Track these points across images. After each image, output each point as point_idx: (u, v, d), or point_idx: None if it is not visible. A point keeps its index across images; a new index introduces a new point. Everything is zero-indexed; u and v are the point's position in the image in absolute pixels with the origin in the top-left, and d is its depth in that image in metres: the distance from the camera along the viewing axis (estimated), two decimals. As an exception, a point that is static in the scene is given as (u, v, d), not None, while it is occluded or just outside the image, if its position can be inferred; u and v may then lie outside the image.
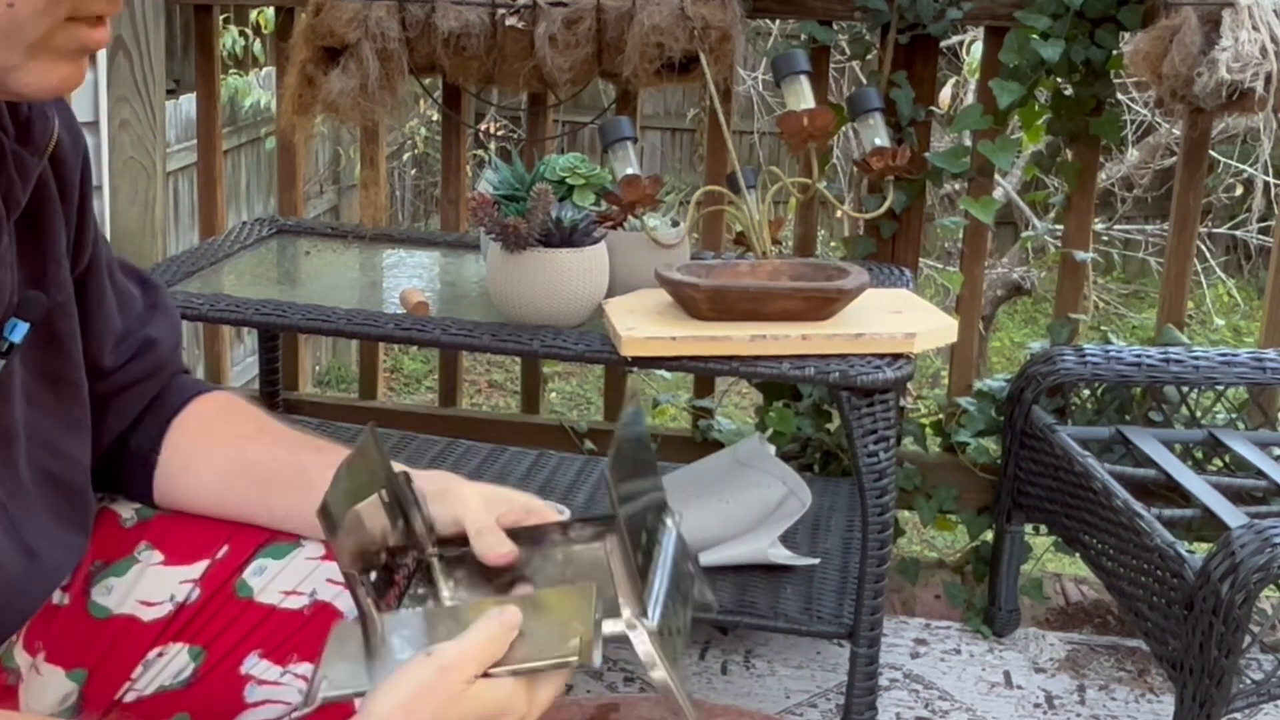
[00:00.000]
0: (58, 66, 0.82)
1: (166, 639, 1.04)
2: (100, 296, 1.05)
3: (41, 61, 0.81)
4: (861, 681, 1.85)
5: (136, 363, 1.08)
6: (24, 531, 0.95)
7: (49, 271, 0.97)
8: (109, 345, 1.06)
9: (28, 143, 0.92)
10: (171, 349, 1.11)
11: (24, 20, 0.79)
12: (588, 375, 5.59)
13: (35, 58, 0.81)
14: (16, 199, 0.91)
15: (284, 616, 1.04)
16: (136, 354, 1.08)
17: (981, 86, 2.32)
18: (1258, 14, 2.04)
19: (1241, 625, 1.54)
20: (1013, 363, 5.68)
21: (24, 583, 0.95)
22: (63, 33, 0.81)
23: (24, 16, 0.78)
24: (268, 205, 5.61)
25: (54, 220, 0.98)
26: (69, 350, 1.00)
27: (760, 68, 5.02)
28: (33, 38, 0.79)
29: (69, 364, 1.00)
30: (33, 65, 0.81)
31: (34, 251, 0.96)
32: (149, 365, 1.09)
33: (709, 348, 1.66)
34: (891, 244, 2.39)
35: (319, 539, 1.03)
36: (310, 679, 1.00)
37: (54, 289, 0.97)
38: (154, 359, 1.09)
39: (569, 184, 1.81)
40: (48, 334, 0.98)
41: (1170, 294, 2.39)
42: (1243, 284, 6.55)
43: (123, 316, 1.08)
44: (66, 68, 0.82)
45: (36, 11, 0.79)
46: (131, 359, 1.07)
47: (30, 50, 0.80)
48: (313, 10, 2.28)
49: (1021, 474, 2.17)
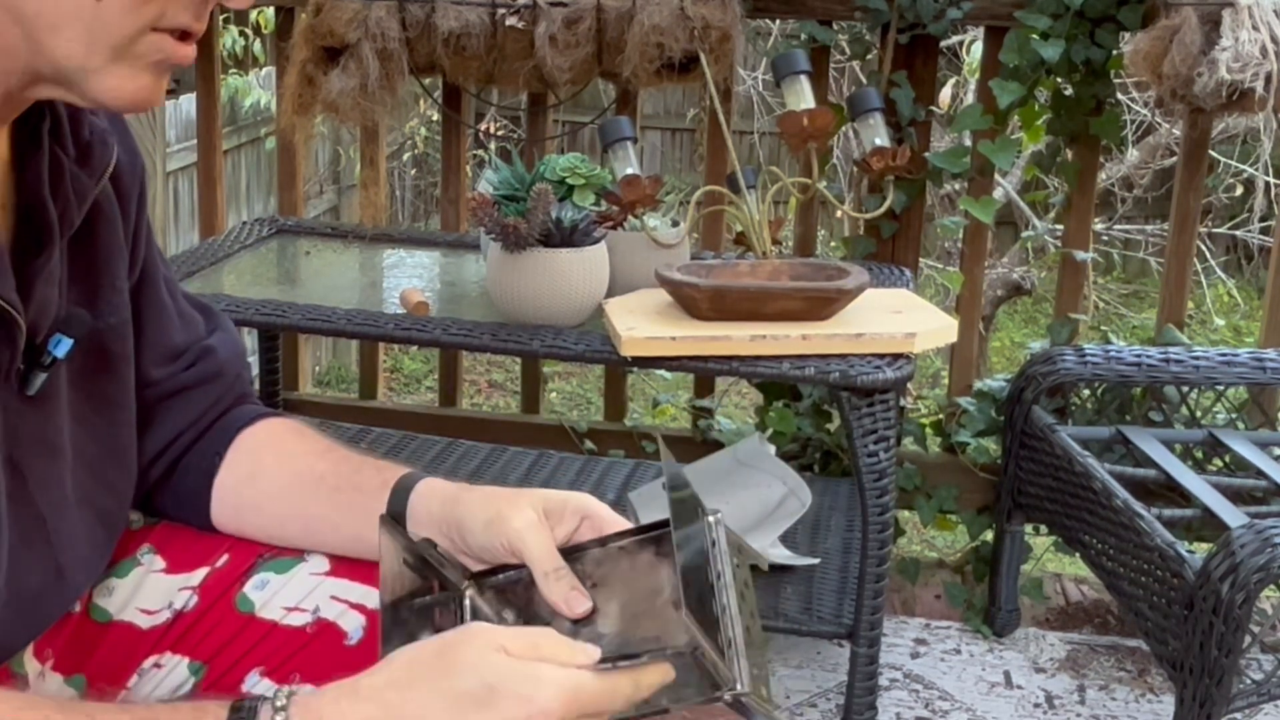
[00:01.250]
0: (138, 76, 0.81)
1: (163, 647, 1.04)
2: (151, 309, 1.04)
3: (124, 67, 0.80)
4: (861, 681, 1.85)
5: (190, 371, 1.07)
6: (59, 552, 0.94)
7: (101, 293, 0.97)
8: (161, 357, 1.05)
9: (87, 164, 0.92)
10: (229, 360, 1.10)
11: (111, 18, 0.78)
12: (588, 375, 5.59)
13: (118, 62, 0.79)
14: (71, 219, 0.92)
15: (286, 634, 1.03)
16: (193, 364, 1.07)
17: (981, 86, 2.32)
18: (1258, 14, 2.04)
19: (1241, 625, 1.54)
20: (1013, 363, 5.68)
21: (47, 601, 0.95)
22: (147, 40, 0.80)
23: (112, 14, 0.77)
24: (268, 205, 5.60)
25: (110, 243, 0.98)
26: (122, 374, 1.00)
27: (760, 68, 5.02)
28: (118, 38, 0.78)
29: (122, 388, 1.00)
30: (114, 70, 0.80)
31: (87, 272, 0.96)
32: (204, 372, 1.07)
33: (709, 348, 1.66)
34: (891, 244, 2.39)
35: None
36: None
37: (107, 310, 0.97)
38: (209, 366, 1.08)
39: (569, 184, 1.81)
40: (101, 355, 0.98)
41: (1170, 294, 2.39)
42: (1243, 284, 6.54)
43: (182, 335, 1.07)
44: (146, 78, 0.81)
45: (125, 9, 0.78)
46: (187, 368, 1.07)
47: (115, 53, 0.79)
48: (313, 10, 2.28)
49: (1021, 474, 2.17)
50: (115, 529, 1.02)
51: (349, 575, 1.04)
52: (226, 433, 1.08)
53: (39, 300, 0.89)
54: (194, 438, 1.08)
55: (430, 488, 1.00)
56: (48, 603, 0.96)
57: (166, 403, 1.06)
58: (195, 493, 1.07)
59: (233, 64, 5.30)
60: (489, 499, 0.95)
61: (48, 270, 0.90)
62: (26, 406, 0.90)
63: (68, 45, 0.78)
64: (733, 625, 0.83)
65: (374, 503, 0.99)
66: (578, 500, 0.95)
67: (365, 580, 1.04)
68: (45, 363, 0.91)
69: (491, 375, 5.79)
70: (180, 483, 1.07)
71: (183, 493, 1.07)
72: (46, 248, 0.89)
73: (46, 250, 0.89)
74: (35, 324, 0.89)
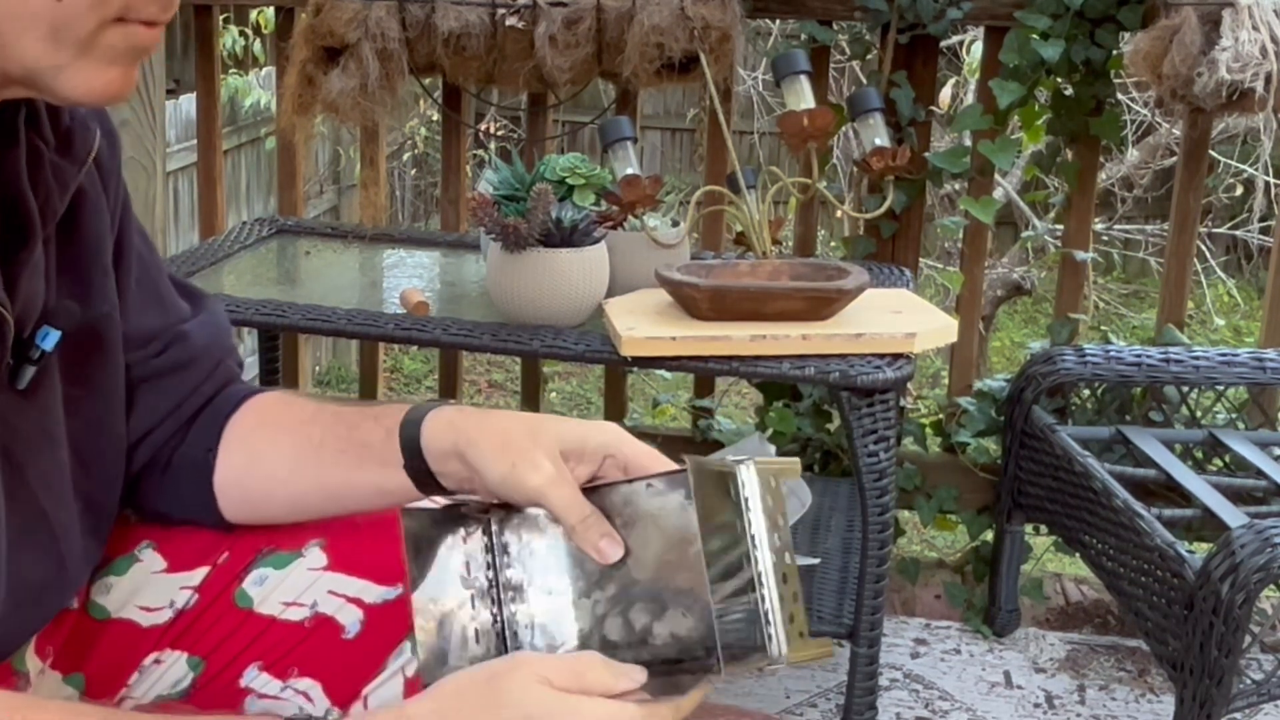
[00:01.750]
0: (107, 69, 0.79)
1: (164, 645, 1.04)
2: (123, 289, 1.01)
3: (91, 62, 0.79)
4: (861, 681, 1.85)
5: (162, 357, 1.03)
6: (60, 542, 0.94)
7: (93, 281, 0.96)
8: (131, 341, 1.01)
9: (68, 153, 0.91)
10: (207, 346, 1.06)
11: (73, 15, 0.76)
12: (588, 375, 5.59)
13: (85, 57, 0.78)
14: (54, 209, 0.90)
15: (284, 629, 1.03)
16: (164, 349, 1.03)
17: (981, 86, 2.32)
18: (1258, 14, 2.04)
19: (1241, 625, 1.54)
20: (1013, 363, 5.68)
21: (50, 594, 0.95)
22: (114, 31, 0.79)
23: (73, 10, 0.76)
24: (268, 205, 5.61)
25: (97, 230, 0.96)
26: (114, 362, 0.98)
27: (760, 68, 5.02)
28: (82, 33, 0.77)
29: (114, 376, 0.98)
30: (82, 65, 0.78)
31: (74, 262, 0.95)
32: (176, 358, 1.04)
33: (709, 348, 1.66)
34: (891, 244, 2.39)
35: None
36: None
37: (98, 299, 0.96)
38: (182, 352, 1.04)
39: (569, 184, 1.81)
40: (93, 345, 0.96)
41: (1170, 294, 2.39)
42: (1243, 284, 6.54)
43: (157, 319, 1.04)
44: (115, 71, 0.80)
45: (87, 5, 0.76)
46: (158, 354, 1.03)
47: (80, 49, 0.78)
48: (313, 10, 2.28)
49: (1021, 474, 2.17)
50: (105, 518, 1.00)
51: (347, 570, 1.04)
52: (214, 424, 1.05)
53: (25, 294, 0.88)
54: (175, 429, 1.04)
55: (437, 426, 0.94)
56: (50, 596, 0.95)
57: (139, 389, 1.02)
58: (197, 493, 1.04)
59: (233, 64, 5.31)
60: (503, 450, 0.90)
61: (32, 263, 0.89)
62: (18, 401, 0.90)
63: (33, 46, 0.77)
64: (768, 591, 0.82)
65: (384, 453, 0.96)
66: (599, 437, 0.91)
67: (363, 575, 1.04)
68: (34, 356, 0.90)
69: (491, 375, 5.79)
70: (177, 483, 1.05)
71: (184, 494, 1.05)
72: (29, 240, 0.88)
73: (30, 243, 0.88)
74: (22, 317, 0.88)
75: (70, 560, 0.95)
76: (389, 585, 1.04)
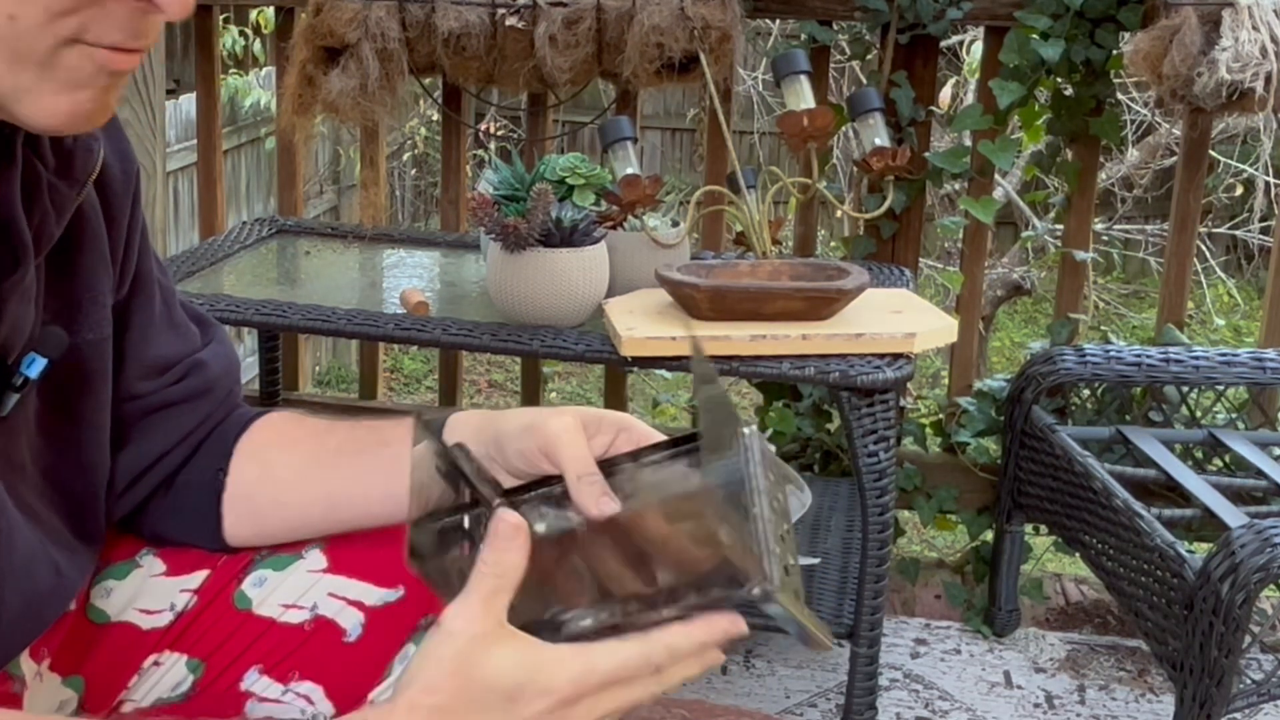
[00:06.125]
0: (73, 93, 0.76)
1: (163, 647, 1.03)
2: (142, 319, 1.00)
3: (53, 84, 0.75)
4: (861, 681, 1.85)
5: (179, 385, 1.02)
6: (51, 549, 0.93)
7: (83, 308, 0.93)
8: (148, 370, 1.01)
9: (67, 174, 0.88)
10: (220, 375, 1.05)
11: (26, 34, 0.73)
12: (588, 375, 5.59)
13: (47, 79, 0.75)
14: (49, 233, 0.88)
15: (284, 631, 1.02)
16: (182, 378, 1.03)
17: (981, 86, 2.32)
18: (1258, 14, 2.04)
19: (1241, 625, 1.54)
20: (1013, 363, 5.68)
21: (49, 598, 0.94)
22: (72, 53, 0.75)
23: (26, 29, 0.73)
24: (268, 205, 5.61)
25: (93, 256, 0.94)
26: (98, 391, 0.96)
27: (760, 68, 5.02)
28: (39, 53, 0.74)
29: (96, 405, 0.96)
30: (45, 88, 0.75)
31: (67, 287, 0.92)
32: (193, 387, 1.03)
33: (709, 348, 1.66)
34: (891, 244, 2.39)
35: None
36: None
37: (86, 326, 0.93)
38: (199, 381, 1.03)
39: (569, 184, 1.81)
40: (76, 372, 0.94)
41: (1170, 294, 2.39)
42: (1243, 284, 6.54)
43: (174, 348, 1.03)
44: (83, 95, 0.76)
45: (38, 24, 0.73)
46: (175, 383, 1.02)
47: (40, 70, 0.75)
48: (313, 10, 2.28)
49: (1021, 474, 2.17)
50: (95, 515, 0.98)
51: (347, 572, 1.03)
52: (224, 444, 1.04)
53: (12, 319, 0.86)
54: (185, 455, 1.03)
55: (465, 414, 0.97)
56: (51, 602, 0.94)
57: (151, 417, 1.01)
58: (202, 512, 1.03)
59: (233, 64, 5.31)
60: (528, 410, 0.94)
61: (22, 288, 0.86)
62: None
63: None
64: (764, 528, 0.81)
65: (404, 449, 0.94)
66: (615, 415, 0.93)
67: (363, 577, 1.03)
68: (17, 383, 0.87)
69: (491, 375, 5.79)
70: (182, 503, 1.03)
71: (188, 514, 1.04)
72: (21, 265, 0.85)
73: (21, 267, 0.85)
74: (8, 343, 0.86)
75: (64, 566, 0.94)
76: (389, 588, 1.03)
